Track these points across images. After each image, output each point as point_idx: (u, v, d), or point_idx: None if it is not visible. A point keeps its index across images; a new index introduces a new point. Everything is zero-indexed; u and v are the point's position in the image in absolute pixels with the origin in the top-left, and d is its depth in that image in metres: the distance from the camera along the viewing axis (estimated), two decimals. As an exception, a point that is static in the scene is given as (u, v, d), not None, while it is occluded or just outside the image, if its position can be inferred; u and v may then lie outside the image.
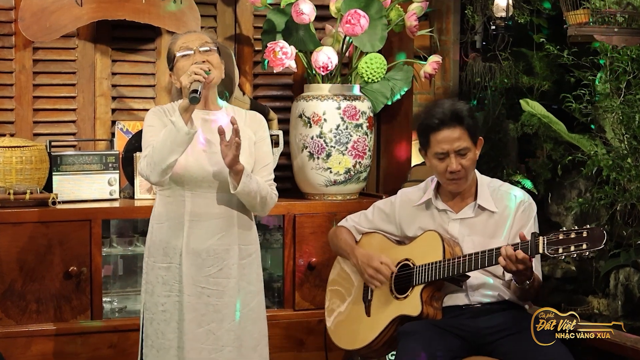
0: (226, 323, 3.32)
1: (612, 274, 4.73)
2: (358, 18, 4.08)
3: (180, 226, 3.30)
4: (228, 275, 3.32)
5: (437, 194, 3.56)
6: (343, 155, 4.28)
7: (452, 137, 3.40)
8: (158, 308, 3.32)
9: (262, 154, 3.42)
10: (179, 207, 3.30)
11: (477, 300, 3.45)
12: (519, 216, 3.47)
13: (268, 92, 4.62)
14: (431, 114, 3.45)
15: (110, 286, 4.26)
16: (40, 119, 4.30)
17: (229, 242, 3.32)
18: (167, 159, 3.14)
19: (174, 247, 3.30)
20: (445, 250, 3.40)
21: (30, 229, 3.86)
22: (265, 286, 4.38)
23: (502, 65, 5.28)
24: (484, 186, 3.52)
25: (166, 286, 3.32)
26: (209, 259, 3.30)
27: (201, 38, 3.34)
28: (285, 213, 4.22)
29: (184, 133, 3.11)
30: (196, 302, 3.29)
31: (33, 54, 4.26)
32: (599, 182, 4.68)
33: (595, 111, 4.71)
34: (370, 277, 3.55)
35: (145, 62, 4.43)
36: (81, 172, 4.14)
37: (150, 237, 3.38)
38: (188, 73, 3.16)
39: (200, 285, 3.29)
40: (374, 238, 3.71)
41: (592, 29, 4.04)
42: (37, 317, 3.89)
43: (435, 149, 3.43)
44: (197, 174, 3.26)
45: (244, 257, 3.36)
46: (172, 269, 3.31)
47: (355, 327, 3.64)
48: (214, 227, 3.30)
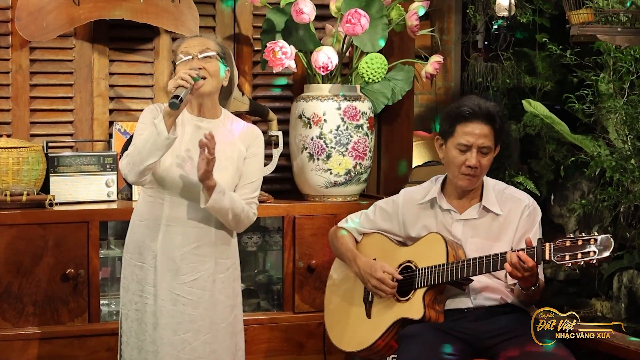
0: (202, 335, 3.32)
1: (615, 276, 4.73)
2: (358, 17, 4.08)
3: (157, 228, 3.30)
4: (203, 287, 3.31)
5: (441, 193, 3.55)
6: (343, 156, 4.27)
7: (480, 132, 3.38)
8: (132, 306, 3.34)
9: (250, 171, 3.39)
10: (157, 208, 3.30)
11: (479, 304, 3.44)
12: (523, 220, 3.46)
13: (267, 92, 4.61)
14: (464, 103, 3.43)
15: (107, 289, 4.25)
16: (37, 119, 4.30)
17: (205, 254, 3.31)
18: (145, 161, 3.13)
19: (149, 248, 3.31)
20: (448, 253, 3.39)
21: (27, 230, 3.85)
22: (265, 289, 4.41)
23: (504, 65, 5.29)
24: (490, 188, 3.52)
25: (139, 285, 3.32)
26: (183, 266, 3.29)
27: (203, 44, 3.30)
28: (285, 215, 4.22)
29: (163, 137, 3.09)
30: (171, 309, 3.29)
31: (30, 54, 4.26)
32: (602, 184, 4.68)
33: (599, 112, 4.71)
34: (374, 287, 3.53)
35: (143, 62, 4.42)
36: (78, 173, 4.14)
37: (129, 233, 3.39)
38: (175, 77, 3.14)
39: (175, 292, 3.29)
40: (375, 239, 3.70)
41: (595, 28, 4.04)
42: (33, 320, 3.88)
43: (459, 139, 3.40)
44: (178, 180, 3.25)
45: (221, 271, 3.35)
46: (144, 270, 3.31)
47: (355, 329, 3.64)
48: (190, 235, 3.29)
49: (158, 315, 3.29)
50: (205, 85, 3.25)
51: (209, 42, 3.34)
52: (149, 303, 3.30)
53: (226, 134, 3.34)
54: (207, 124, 3.33)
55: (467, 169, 3.40)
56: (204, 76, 3.23)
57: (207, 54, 3.28)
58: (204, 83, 3.23)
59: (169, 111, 3.09)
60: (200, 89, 3.23)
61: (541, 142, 5.11)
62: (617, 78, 4.56)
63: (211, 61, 3.28)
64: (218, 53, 3.32)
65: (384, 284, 3.50)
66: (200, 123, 3.33)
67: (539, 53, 5.16)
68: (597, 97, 4.68)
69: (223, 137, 3.32)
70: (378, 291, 3.52)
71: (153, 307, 3.29)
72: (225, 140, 3.32)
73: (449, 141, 3.45)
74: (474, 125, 3.39)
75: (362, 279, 3.59)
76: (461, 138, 3.40)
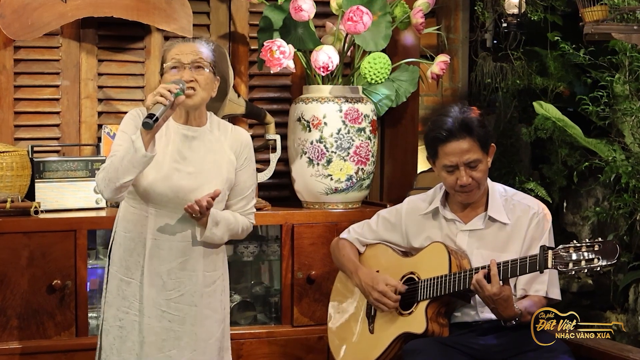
0: (187, 352, 3.32)
1: (631, 287, 4.73)
2: (360, 15, 4.09)
3: (142, 243, 3.30)
4: (190, 303, 3.32)
5: (445, 203, 3.57)
6: (345, 161, 4.28)
7: (461, 149, 3.39)
8: (115, 322, 3.33)
9: (243, 183, 3.40)
10: (141, 222, 3.30)
11: (486, 317, 3.45)
12: (532, 229, 3.47)
13: (265, 94, 4.62)
14: (438, 124, 3.44)
15: (96, 301, 4.24)
16: (21, 122, 4.31)
17: (192, 268, 3.32)
18: (121, 178, 3.12)
19: (137, 263, 3.30)
20: (451, 262, 3.40)
21: (11, 239, 3.86)
22: (262, 301, 4.42)
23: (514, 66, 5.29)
24: (496, 195, 3.52)
25: (125, 301, 3.31)
26: (170, 281, 3.30)
27: (195, 53, 3.28)
28: (283, 223, 4.23)
29: (140, 155, 3.08)
30: (157, 325, 3.29)
31: (14, 53, 4.27)
32: (617, 190, 4.68)
33: (614, 114, 4.71)
34: (375, 300, 3.54)
35: (134, 62, 4.44)
36: (65, 179, 4.14)
37: (115, 245, 3.37)
38: (154, 92, 3.12)
39: (161, 309, 3.29)
40: (378, 250, 3.71)
41: (610, 26, 4.05)
42: (18, 334, 3.89)
43: (443, 161, 3.43)
44: (164, 193, 3.25)
45: (207, 285, 3.35)
46: (132, 285, 3.30)
47: (358, 345, 3.65)
48: (177, 249, 3.30)
49: (145, 333, 3.29)
50: (195, 97, 3.25)
51: (202, 49, 3.31)
52: (136, 320, 3.30)
53: (214, 142, 3.35)
54: (194, 132, 3.33)
55: (461, 188, 3.43)
56: (192, 87, 3.22)
57: (200, 65, 3.27)
58: (193, 95, 3.23)
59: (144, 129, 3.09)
60: (189, 102, 3.23)
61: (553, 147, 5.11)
62: (633, 79, 4.56)
63: (203, 73, 3.27)
64: (211, 63, 3.31)
65: (386, 297, 3.50)
66: (186, 132, 3.32)
67: (551, 52, 5.16)
68: (612, 99, 4.68)
69: (211, 144, 3.33)
70: (380, 305, 3.53)
71: (138, 324, 3.29)
72: (214, 149, 3.34)
73: (436, 162, 3.48)
74: (454, 145, 3.40)
75: (364, 291, 3.60)
76: (445, 159, 3.42)
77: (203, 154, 3.30)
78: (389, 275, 3.56)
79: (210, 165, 3.29)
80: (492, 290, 3.22)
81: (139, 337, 3.30)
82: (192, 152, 3.28)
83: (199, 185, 3.25)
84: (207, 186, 3.24)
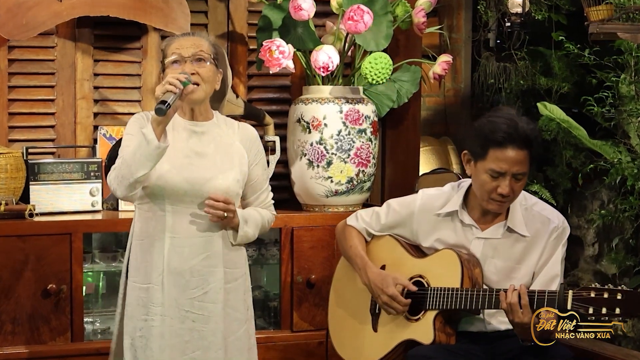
0: (212, 352, 3.30)
1: (637, 292, 4.73)
2: (361, 14, 4.09)
3: (161, 244, 3.27)
4: (214, 300, 3.30)
5: (464, 205, 3.52)
6: (345, 163, 4.28)
7: (516, 159, 3.31)
8: (136, 333, 3.30)
9: (259, 178, 3.44)
10: (158, 223, 3.28)
11: (494, 328, 3.44)
12: (550, 243, 3.43)
13: (264, 94, 4.63)
14: (499, 126, 3.32)
15: (92, 305, 4.26)
16: (16, 123, 4.31)
17: (214, 264, 3.30)
18: (135, 173, 3.12)
19: (155, 266, 3.27)
20: (463, 274, 3.37)
21: (5, 243, 3.86)
22: (261, 305, 4.42)
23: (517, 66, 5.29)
24: (517, 205, 3.46)
25: (144, 309, 3.28)
26: (192, 280, 3.28)
27: (196, 46, 3.29)
28: (283, 226, 4.23)
29: (153, 147, 3.09)
30: (179, 327, 3.27)
31: (8, 53, 4.27)
32: (623, 193, 4.69)
33: (619, 115, 4.72)
34: (384, 304, 3.51)
35: (130, 62, 4.44)
36: (60, 181, 4.14)
37: (130, 256, 3.36)
38: (163, 82, 3.14)
39: (184, 309, 3.28)
40: (386, 243, 3.66)
41: (615, 26, 4.06)
42: (12, 339, 3.89)
43: (491, 165, 3.33)
44: (179, 188, 3.25)
45: (229, 281, 3.34)
46: (151, 290, 3.27)
47: (360, 342, 3.63)
48: (198, 245, 3.29)
49: (166, 336, 3.26)
50: (198, 92, 3.25)
51: (203, 42, 3.32)
52: (155, 325, 3.26)
53: (223, 136, 3.36)
54: (202, 127, 3.34)
55: (499, 197, 3.35)
56: (196, 82, 3.23)
57: (201, 57, 3.28)
58: (197, 89, 3.24)
59: (156, 118, 3.09)
60: (193, 96, 3.24)
61: (557, 148, 5.11)
62: (639, 79, 4.57)
63: (205, 65, 3.28)
64: (212, 56, 3.32)
65: (396, 302, 3.48)
66: (194, 127, 3.33)
67: (555, 52, 5.16)
68: (618, 100, 4.69)
69: (221, 138, 3.34)
70: (388, 308, 3.50)
71: (160, 328, 3.26)
72: (224, 142, 3.35)
73: (479, 163, 3.37)
74: (509, 151, 3.30)
75: (372, 292, 3.57)
76: (494, 164, 3.32)
77: (214, 146, 3.31)
78: (398, 275, 3.52)
79: (223, 156, 3.30)
80: (523, 319, 3.20)
81: (158, 342, 3.26)
82: (203, 146, 3.29)
83: (214, 175, 3.26)
84: (222, 176, 3.26)
